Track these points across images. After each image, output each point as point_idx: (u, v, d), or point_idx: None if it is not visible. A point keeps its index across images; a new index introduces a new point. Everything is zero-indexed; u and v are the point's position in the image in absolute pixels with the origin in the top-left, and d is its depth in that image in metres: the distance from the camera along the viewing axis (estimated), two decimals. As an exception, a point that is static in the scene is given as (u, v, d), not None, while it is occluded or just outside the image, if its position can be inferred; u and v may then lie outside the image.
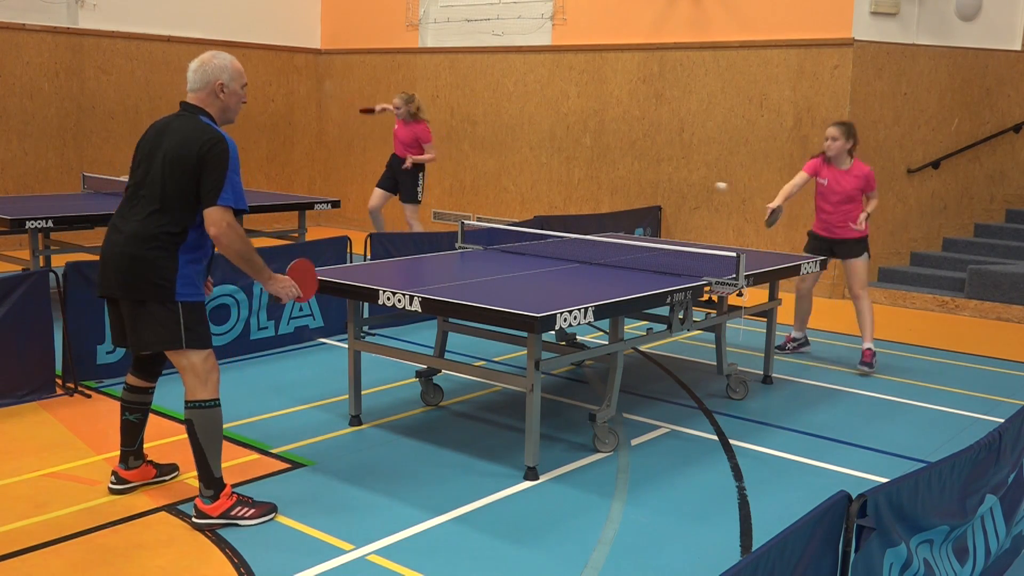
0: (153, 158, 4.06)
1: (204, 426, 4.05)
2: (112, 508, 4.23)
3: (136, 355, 4.32)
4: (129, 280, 3.98)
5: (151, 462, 4.51)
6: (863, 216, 6.88)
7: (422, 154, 9.83)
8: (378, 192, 10.10)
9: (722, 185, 7.12)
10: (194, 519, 4.07)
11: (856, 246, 7.02)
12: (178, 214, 3.97)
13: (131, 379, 4.36)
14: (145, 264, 3.95)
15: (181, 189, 3.94)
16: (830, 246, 7.08)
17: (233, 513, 4.06)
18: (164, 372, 6.31)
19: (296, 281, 4.31)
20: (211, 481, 4.06)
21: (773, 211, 6.86)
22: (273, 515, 4.14)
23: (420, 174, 9.94)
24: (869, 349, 6.94)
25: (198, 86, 4.15)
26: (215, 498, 4.05)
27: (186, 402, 4.08)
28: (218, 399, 4.11)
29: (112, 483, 4.40)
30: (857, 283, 7.04)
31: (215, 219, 3.89)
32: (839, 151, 6.88)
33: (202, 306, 4.10)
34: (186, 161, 3.93)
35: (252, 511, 4.09)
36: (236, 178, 3.96)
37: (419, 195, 9.95)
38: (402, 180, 9.92)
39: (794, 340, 7.49)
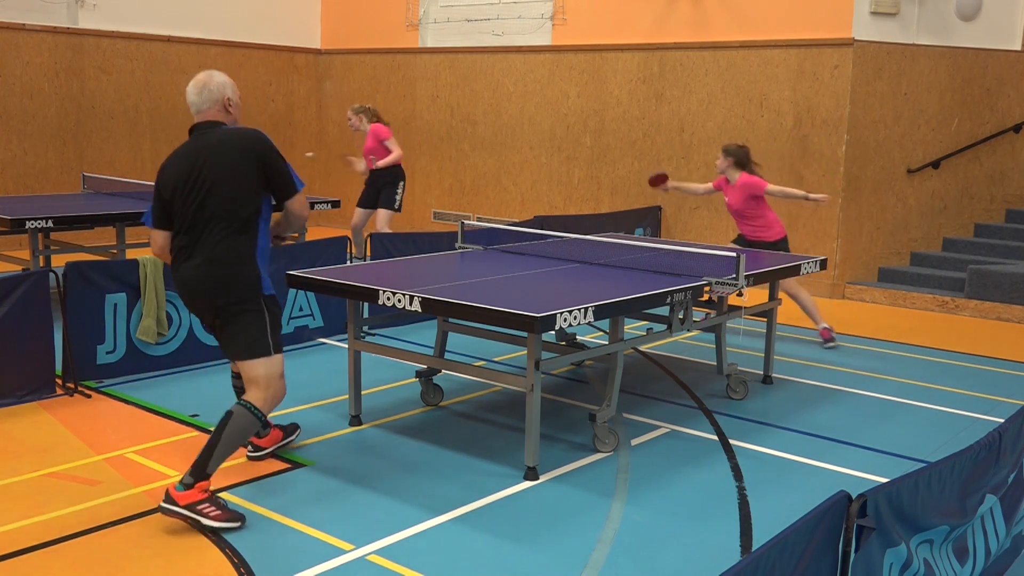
0: (205, 181, 4.10)
1: (238, 428, 4.14)
2: (112, 508, 4.23)
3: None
4: (219, 298, 4.16)
5: (278, 425, 4.92)
6: (817, 197, 7.30)
7: (387, 154, 9.47)
8: (359, 211, 9.74)
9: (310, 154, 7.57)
10: (161, 503, 4.03)
11: (772, 247, 7.40)
12: (251, 221, 4.16)
13: (234, 365, 4.54)
14: (233, 279, 4.15)
15: (250, 193, 4.13)
16: (753, 247, 7.49)
17: (199, 508, 3.99)
18: (164, 372, 6.35)
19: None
20: (198, 472, 4.04)
21: (658, 175, 7.81)
22: (237, 525, 4.02)
23: (400, 183, 9.62)
24: (825, 328, 7.57)
25: (207, 106, 4.25)
26: (190, 487, 4.01)
27: (243, 400, 4.20)
28: (265, 418, 4.26)
29: (249, 452, 4.79)
30: (784, 282, 7.25)
31: (303, 202, 4.30)
32: (723, 168, 7.61)
33: (276, 300, 4.34)
34: (247, 166, 4.13)
35: (217, 512, 4.01)
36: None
37: (397, 203, 9.56)
38: (383, 188, 9.57)
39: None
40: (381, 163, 9.45)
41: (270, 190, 4.21)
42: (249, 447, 4.80)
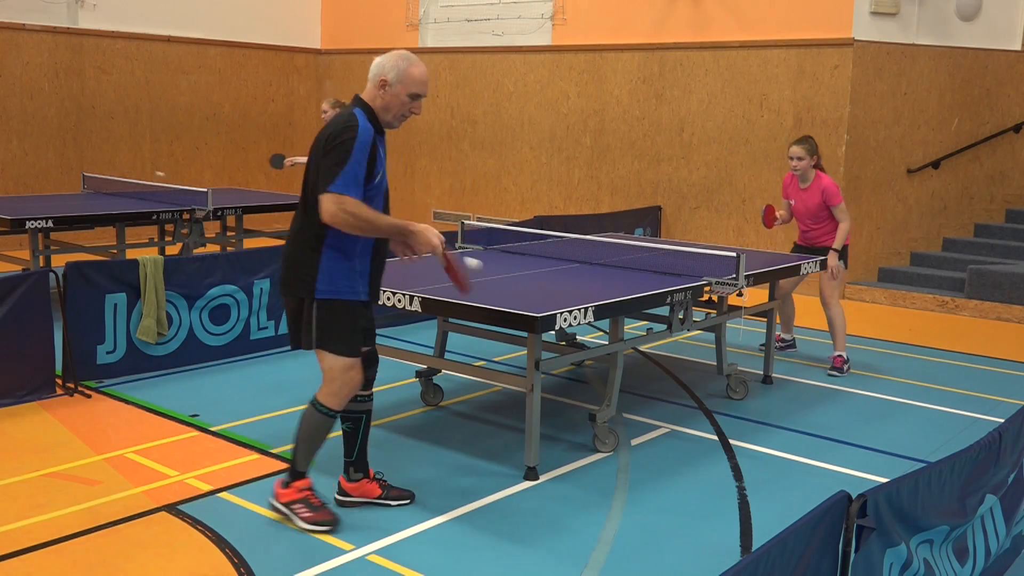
0: (311, 159, 3.98)
1: (310, 426, 4.10)
2: (112, 508, 4.23)
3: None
4: (285, 279, 4.04)
5: (380, 481, 4.37)
6: (833, 263, 6.70)
7: None
8: None
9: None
10: (269, 499, 4.17)
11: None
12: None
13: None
14: (293, 263, 3.98)
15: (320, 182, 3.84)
16: (811, 255, 6.91)
17: (294, 507, 4.09)
18: (164, 372, 6.34)
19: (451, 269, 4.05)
20: (294, 471, 4.13)
21: (778, 217, 7.05)
22: (326, 528, 4.04)
23: None
24: (839, 356, 6.89)
25: (369, 76, 4.08)
26: (287, 485, 4.12)
27: (314, 395, 4.13)
28: (335, 412, 4.09)
29: (336, 495, 4.34)
30: (827, 288, 6.89)
31: (324, 207, 3.76)
32: (804, 170, 6.82)
33: (347, 306, 3.97)
34: (319, 152, 3.86)
35: (309, 514, 4.07)
36: (355, 167, 3.80)
37: None
38: None
39: (782, 340, 7.48)
40: None
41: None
42: (337, 488, 4.37)
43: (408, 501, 4.36)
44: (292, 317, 4.09)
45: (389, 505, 4.33)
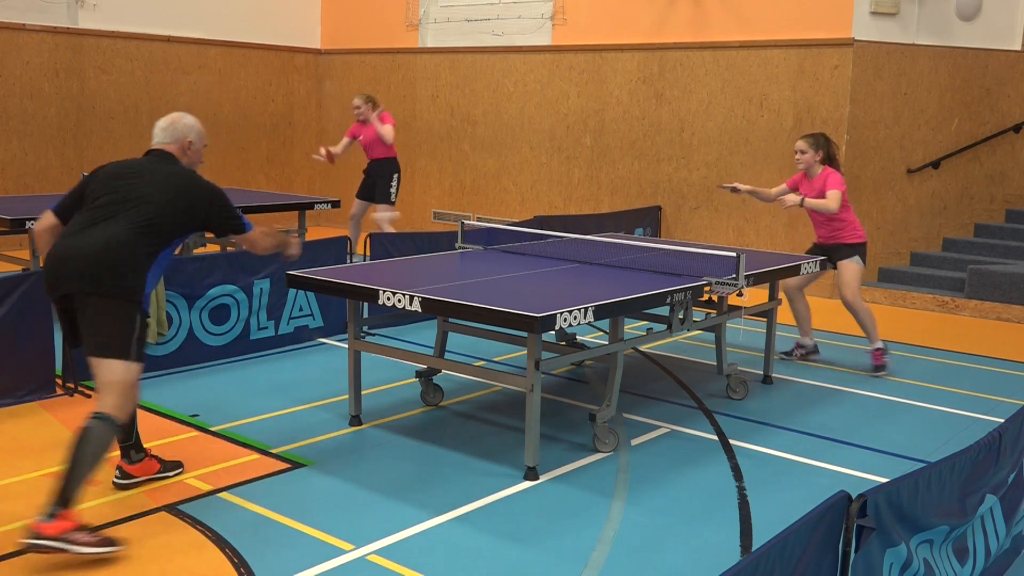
0: (139, 183, 4.14)
1: (101, 444, 3.83)
2: (112, 508, 4.23)
3: None
4: (97, 280, 3.94)
5: (155, 457, 4.56)
6: (794, 199, 6.61)
7: (389, 146, 9.64)
8: (357, 202, 10.00)
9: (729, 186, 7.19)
10: (25, 540, 3.63)
11: (847, 249, 6.83)
12: (161, 239, 4.13)
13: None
14: (121, 269, 3.97)
15: (179, 224, 4.18)
16: (828, 253, 6.90)
17: (73, 537, 3.66)
18: (164, 372, 6.34)
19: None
20: (65, 500, 3.69)
21: (734, 188, 7.08)
22: (117, 548, 3.75)
23: (396, 175, 9.77)
24: (878, 349, 6.81)
25: (168, 140, 4.41)
26: (55, 516, 3.65)
27: (95, 412, 3.88)
28: (120, 425, 4.00)
29: (116, 478, 4.45)
30: (845, 287, 6.78)
31: (251, 241, 4.43)
32: (808, 164, 6.77)
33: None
34: (189, 204, 4.17)
35: (94, 539, 3.72)
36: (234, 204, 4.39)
37: (392, 195, 9.75)
38: (378, 181, 9.75)
39: (802, 347, 7.24)
40: (382, 129, 9.50)
41: (213, 230, 4.32)
42: (117, 472, 4.43)
43: (181, 469, 4.62)
44: (94, 320, 3.97)
45: (168, 476, 4.55)
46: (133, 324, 4.00)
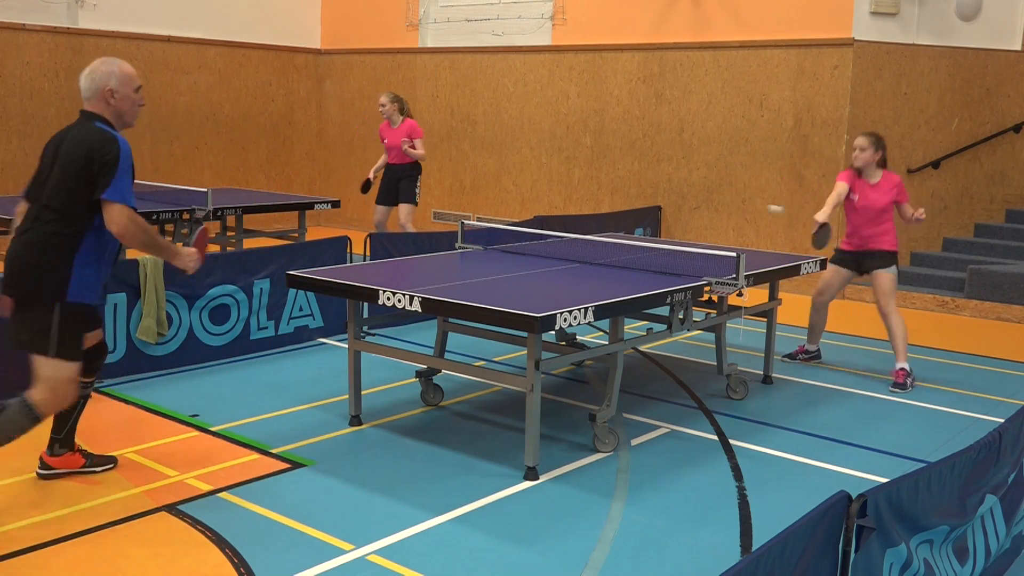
0: (53, 166, 4.11)
1: (10, 424, 4.05)
2: (112, 508, 4.23)
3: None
4: (20, 282, 4.02)
5: (82, 451, 4.56)
6: (919, 214, 6.70)
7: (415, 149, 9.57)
8: (379, 209, 9.79)
9: (776, 208, 6.92)
10: None
11: (884, 257, 6.69)
12: (75, 219, 4.02)
13: None
14: (37, 269, 3.99)
15: (76, 194, 3.99)
16: (857, 259, 6.78)
17: None
18: (164, 372, 6.34)
19: (201, 250, 4.41)
20: None
21: (821, 226, 6.45)
22: None
23: (418, 176, 9.78)
24: (902, 369, 6.53)
25: (89, 94, 4.23)
26: None
27: (30, 398, 4.07)
28: (41, 420, 4.10)
29: (38, 469, 4.49)
30: (884, 297, 6.63)
31: (114, 217, 3.95)
32: (867, 163, 6.60)
33: (89, 310, 4.12)
34: (78, 165, 3.99)
35: None
36: (127, 178, 4.02)
37: (416, 196, 9.73)
38: (402, 181, 9.68)
39: (806, 352, 7.22)
40: (413, 152, 9.46)
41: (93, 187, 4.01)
42: (39, 464, 4.49)
43: (112, 465, 4.56)
44: (18, 319, 4.07)
45: (95, 471, 4.50)
46: (49, 323, 3.99)
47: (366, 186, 9.85)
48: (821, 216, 6.46)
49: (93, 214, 4.03)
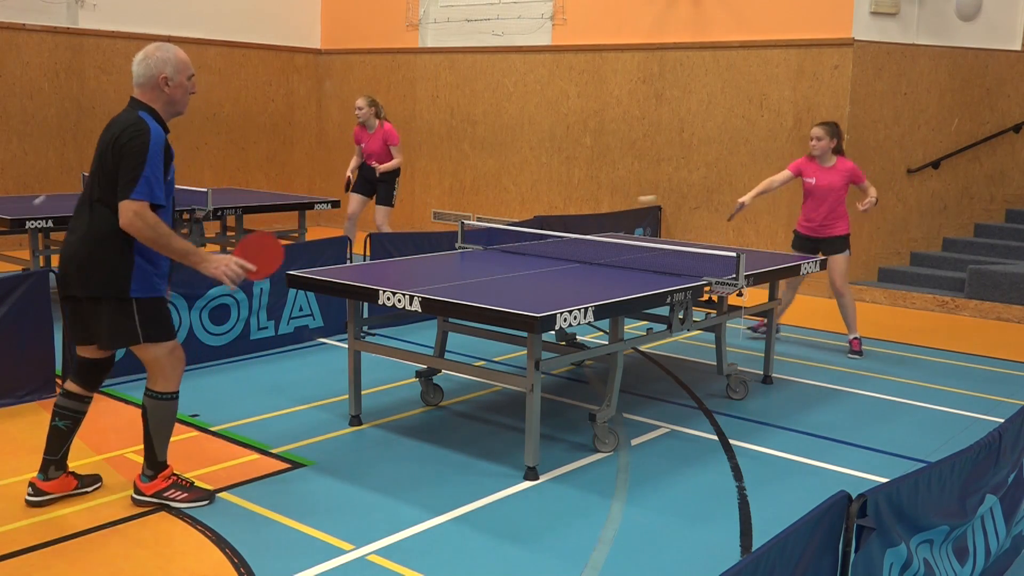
0: (98, 151, 4.04)
1: (160, 418, 4.19)
2: (112, 508, 4.23)
3: (80, 362, 4.22)
4: (86, 279, 3.97)
5: (72, 473, 4.33)
6: (869, 201, 7.29)
7: (390, 157, 9.53)
8: (355, 198, 9.75)
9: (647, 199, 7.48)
10: (133, 496, 4.28)
11: (840, 243, 7.33)
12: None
13: (70, 385, 4.21)
14: (100, 263, 3.95)
15: (116, 184, 3.89)
16: (815, 244, 7.37)
17: (166, 495, 4.23)
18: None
19: (249, 259, 4.13)
20: (153, 463, 4.24)
21: (742, 205, 7.28)
22: (206, 502, 4.27)
23: (396, 179, 9.72)
24: (856, 339, 7.35)
25: (142, 80, 4.08)
26: (153, 478, 4.24)
27: (146, 389, 4.18)
28: (176, 392, 4.19)
29: (29, 495, 4.21)
30: (840, 278, 7.28)
31: (121, 212, 3.85)
32: (824, 150, 7.22)
33: (160, 301, 4.10)
34: (108, 155, 3.92)
35: (185, 495, 4.25)
36: (153, 171, 3.87)
37: (394, 199, 9.69)
38: (380, 185, 9.62)
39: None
40: (382, 167, 9.46)
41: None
42: (30, 490, 4.22)
43: (99, 484, 4.44)
44: (82, 316, 4.05)
45: (87, 491, 4.36)
46: (120, 321, 3.98)
47: (348, 186, 9.85)
48: (744, 198, 7.32)
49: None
